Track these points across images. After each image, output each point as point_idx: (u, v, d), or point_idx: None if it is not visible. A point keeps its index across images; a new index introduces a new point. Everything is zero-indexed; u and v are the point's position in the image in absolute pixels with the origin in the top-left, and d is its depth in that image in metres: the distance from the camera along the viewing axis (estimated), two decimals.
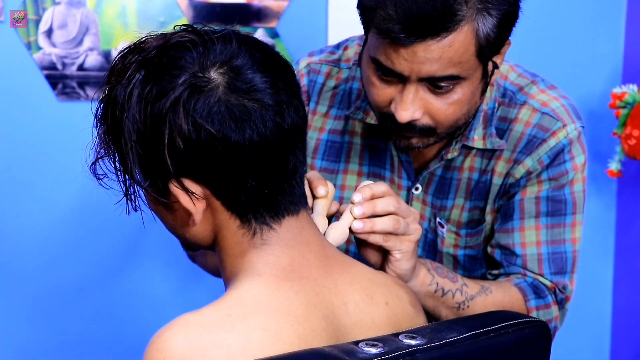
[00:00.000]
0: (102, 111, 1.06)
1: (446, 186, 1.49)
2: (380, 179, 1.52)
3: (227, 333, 0.97)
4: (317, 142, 1.56)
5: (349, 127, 1.55)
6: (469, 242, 1.50)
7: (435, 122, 1.34)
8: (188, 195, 1.03)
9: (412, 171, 1.50)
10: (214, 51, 1.02)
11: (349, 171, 1.54)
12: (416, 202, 1.51)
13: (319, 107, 1.57)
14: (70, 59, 2.08)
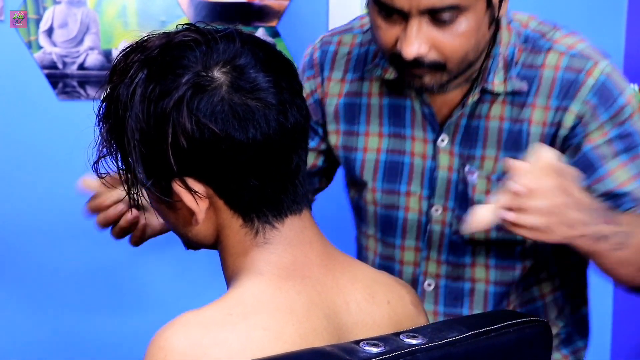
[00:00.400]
0: (105, 110, 1.06)
1: (473, 135, 1.46)
2: (401, 138, 1.50)
3: (228, 332, 0.97)
4: (335, 108, 1.56)
5: (365, 89, 1.54)
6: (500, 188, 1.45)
7: (444, 57, 1.33)
8: (191, 194, 1.03)
9: (436, 123, 1.48)
10: (217, 50, 1.02)
11: (370, 133, 1.53)
12: (443, 155, 1.48)
13: (333, 74, 1.57)
14: (70, 58, 2.08)
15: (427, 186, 1.49)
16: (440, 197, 1.48)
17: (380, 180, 1.52)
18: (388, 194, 1.52)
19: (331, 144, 1.57)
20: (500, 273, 1.48)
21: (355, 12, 2.14)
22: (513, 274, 1.49)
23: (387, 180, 1.52)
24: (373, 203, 1.54)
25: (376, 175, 1.53)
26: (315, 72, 1.59)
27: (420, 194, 1.50)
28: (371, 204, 1.55)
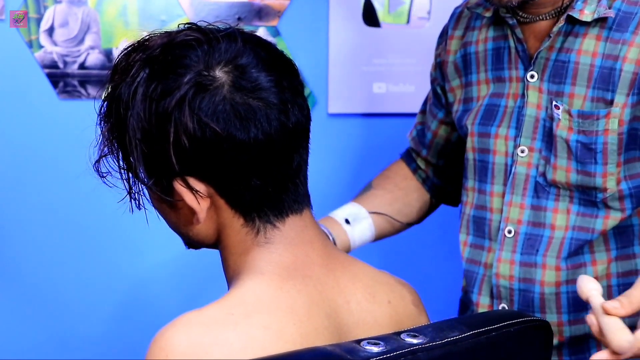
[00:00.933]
0: (106, 109, 1.06)
1: (562, 70, 1.42)
2: (502, 81, 1.50)
3: (229, 331, 0.97)
4: (454, 63, 1.59)
5: (474, 38, 1.55)
6: (582, 126, 1.39)
7: None
8: (192, 194, 1.03)
9: (526, 59, 1.46)
10: (219, 50, 1.02)
11: (480, 81, 1.54)
12: (532, 91, 1.45)
13: (455, 32, 1.60)
14: (71, 58, 2.07)
15: (514, 126, 1.47)
16: (526, 137, 1.45)
17: (477, 124, 1.52)
18: (481, 137, 1.51)
19: (453, 105, 1.59)
20: (581, 219, 1.44)
21: (356, 11, 2.14)
22: (594, 222, 1.43)
23: (482, 123, 1.51)
24: (472, 149, 1.53)
25: (475, 120, 1.52)
26: (441, 40, 1.64)
27: (507, 134, 1.48)
28: (470, 151, 1.53)
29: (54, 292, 2.16)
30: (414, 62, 2.18)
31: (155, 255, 2.18)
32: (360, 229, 1.61)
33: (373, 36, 2.16)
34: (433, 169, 1.73)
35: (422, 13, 2.17)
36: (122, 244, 2.16)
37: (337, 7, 2.14)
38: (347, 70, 2.16)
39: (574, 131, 1.40)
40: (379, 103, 2.19)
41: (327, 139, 2.18)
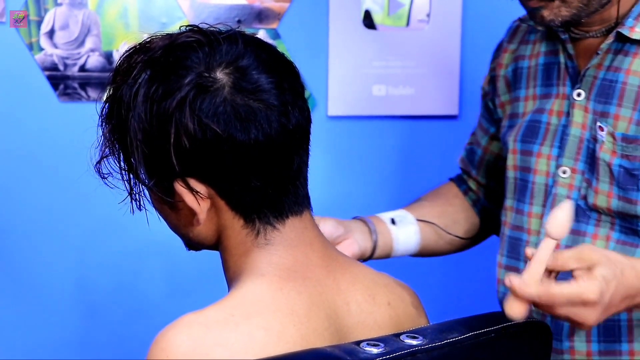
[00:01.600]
0: (108, 110, 1.06)
1: (609, 89, 1.36)
2: (548, 98, 1.45)
3: (230, 332, 0.98)
4: (505, 77, 1.56)
5: (528, 52, 1.52)
6: (625, 150, 1.34)
7: None
8: (193, 195, 1.04)
9: (575, 76, 1.41)
10: (220, 51, 1.03)
11: (528, 97, 1.50)
12: (578, 110, 1.40)
13: (510, 46, 1.57)
14: (71, 60, 2.08)
15: (557, 145, 1.43)
16: (569, 157, 1.40)
17: (520, 141, 1.48)
18: (524, 155, 1.47)
19: (502, 120, 1.55)
20: (621, 248, 1.36)
21: (356, 13, 2.15)
22: (633, 252, 1.35)
23: (524, 140, 1.47)
24: (513, 167, 1.49)
25: (517, 136, 1.49)
26: (496, 53, 1.60)
27: (550, 153, 1.43)
28: (511, 169, 1.49)
29: (54, 293, 2.16)
30: (413, 64, 2.18)
31: (156, 256, 2.18)
32: (405, 233, 1.54)
33: (373, 38, 2.16)
34: (484, 190, 1.67)
35: (422, 16, 2.18)
36: (123, 245, 2.16)
37: (337, 10, 2.14)
38: (347, 72, 2.17)
39: (617, 155, 1.35)
40: (378, 105, 2.20)
41: (326, 141, 2.18)
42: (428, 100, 2.20)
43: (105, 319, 2.20)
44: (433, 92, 2.20)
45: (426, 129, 2.24)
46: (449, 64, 2.19)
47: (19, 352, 2.15)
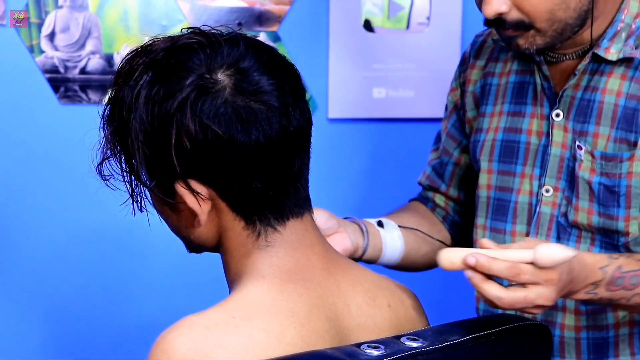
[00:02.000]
0: (109, 112, 1.06)
1: (587, 109, 1.39)
2: (520, 116, 1.47)
3: (230, 334, 0.98)
4: (474, 93, 1.56)
5: (498, 70, 1.53)
6: (605, 168, 1.37)
7: (526, 15, 1.32)
8: (194, 196, 1.04)
9: (552, 96, 1.44)
10: (221, 53, 1.03)
11: (494, 113, 1.51)
12: (557, 130, 1.42)
13: (477, 62, 1.58)
14: (72, 63, 2.08)
15: (538, 165, 1.45)
16: (551, 176, 1.43)
17: (497, 161, 1.49)
18: (503, 174, 1.48)
19: (470, 136, 1.55)
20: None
21: (356, 16, 2.15)
22: None
23: (503, 160, 1.49)
24: (487, 187, 1.50)
25: (492, 156, 1.50)
26: (461, 68, 1.61)
27: (532, 173, 1.45)
28: (484, 188, 1.50)
29: (56, 294, 2.16)
30: (413, 67, 2.18)
31: (157, 258, 2.18)
32: (391, 236, 1.52)
33: (373, 41, 2.16)
34: (454, 204, 1.65)
35: (422, 19, 2.18)
36: (124, 247, 2.16)
37: (337, 12, 2.15)
38: (347, 75, 2.17)
39: (597, 173, 1.38)
40: (378, 108, 2.20)
41: (327, 143, 2.18)
42: (428, 103, 2.21)
43: (105, 320, 2.20)
44: (433, 95, 2.20)
45: (426, 132, 2.24)
46: (449, 66, 2.19)
47: (18, 352, 2.15)
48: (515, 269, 1.09)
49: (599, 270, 1.19)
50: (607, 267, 1.19)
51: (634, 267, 1.21)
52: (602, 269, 1.19)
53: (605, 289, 1.19)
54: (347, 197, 2.22)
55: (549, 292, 1.11)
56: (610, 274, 1.19)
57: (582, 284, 1.18)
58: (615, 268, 1.19)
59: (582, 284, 1.18)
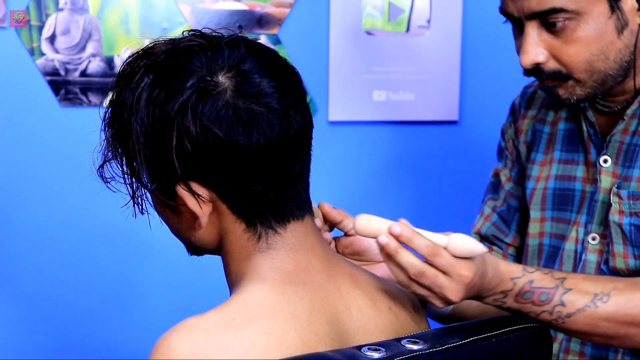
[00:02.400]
0: (110, 115, 1.07)
1: (635, 153, 1.37)
2: (572, 164, 1.46)
3: (231, 337, 0.98)
4: (526, 141, 1.54)
5: (550, 118, 1.51)
6: (633, 207, 1.36)
7: (563, 65, 1.31)
8: (195, 198, 1.04)
9: (599, 143, 1.41)
10: (222, 56, 1.03)
11: (545, 162, 1.50)
12: (605, 176, 1.40)
13: (529, 112, 1.55)
14: (73, 65, 2.08)
15: (585, 212, 1.43)
16: (598, 223, 1.41)
17: (550, 209, 1.47)
18: (557, 222, 1.47)
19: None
20: None
21: (356, 19, 2.15)
22: None
23: (558, 209, 1.46)
24: (539, 235, 1.48)
25: (544, 204, 1.48)
26: (514, 117, 1.58)
27: (580, 220, 1.43)
28: (536, 236, 1.48)
29: (56, 297, 2.16)
30: (414, 70, 2.19)
31: (157, 260, 2.18)
32: None
33: (373, 44, 2.17)
34: (512, 259, 1.59)
35: (422, 22, 2.18)
36: (125, 249, 2.17)
37: (338, 15, 2.15)
38: (348, 77, 2.17)
39: (626, 214, 1.37)
40: (379, 111, 2.20)
41: (327, 146, 2.19)
42: (428, 106, 2.21)
43: (105, 323, 2.20)
44: (433, 98, 2.20)
45: (426, 135, 2.25)
46: (449, 69, 2.20)
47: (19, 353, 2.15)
48: (435, 249, 1.08)
49: (509, 280, 1.16)
50: (518, 278, 1.17)
51: (547, 284, 1.18)
52: (513, 279, 1.16)
53: (513, 299, 1.17)
54: (348, 200, 2.22)
55: (457, 288, 1.10)
56: (520, 286, 1.16)
57: (492, 290, 1.16)
58: (527, 281, 1.17)
59: (492, 290, 1.16)
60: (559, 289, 1.18)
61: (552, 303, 1.18)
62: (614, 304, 1.18)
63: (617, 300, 1.19)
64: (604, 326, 1.19)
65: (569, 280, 1.19)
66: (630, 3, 1.30)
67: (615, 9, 1.29)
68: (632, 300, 1.19)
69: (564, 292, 1.18)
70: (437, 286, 1.09)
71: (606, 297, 1.18)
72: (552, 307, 1.18)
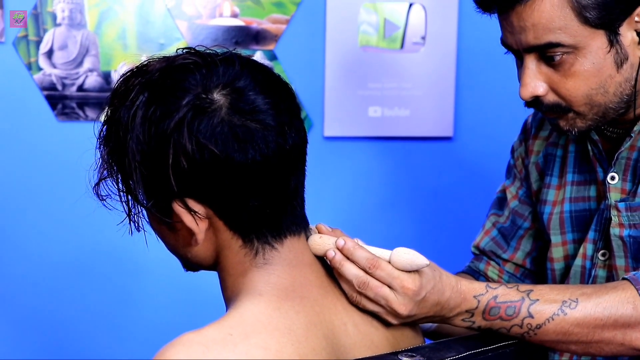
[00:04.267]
0: (105, 133, 1.07)
1: (639, 170, 1.37)
2: (585, 184, 1.46)
3: (228, 352, 0.98)
4: (537, 163, 1.54)
5: (561, 141, 1.51)
6: (631, 219, 1.37)
7: (562, 99, 1.31)
8: (191, 215, 1.04)
9: (604, 161, 1.42)
10: (217, 73, 1.04)
11: (560, 185, 1.49)
12: (614, 193, 1.39)
13: (541, 133, 1.55)
14: (70, 80, 2.09)
15: (594, 229, 1.43)
16: (607, 239, 1.41)
17: (569, 232, 1.47)
18: (575, 243, 1.46)
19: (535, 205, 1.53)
20: None
21: (352, 36, 2.16)
22: None
23: (577, 230, 1.46)
24: (563, 258, 1.48)
25: (564, 228, 1.48)
26: (525, 136, 1.58)
27: (588, 236, 1.44)
28: (560, 260, 1.48)
29: (52, 311, 2.16)
30: (409, 86, 2.20)
31: (153, 277, 2.18)
32: None
33: (369, 60, 2.18)
34: (508, 277, 1.59)
35: (417, 38, 2.19)
36: (122, 265, 2.17)
37: (333, 32, 2.16)
38: (343, 93, 2.18)
39: (625, 226, 1.37)
40: (374, 126, 2.21)
41: (322, 161, 2.19)
42: (423, 122, 2.22)
43: (102, 338, 2.19)
44: (428, 114, 2.21)
45: (421, 150, 2.26)
46: (444, 86, 2.21)
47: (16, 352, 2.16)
48: (375, 261, 1.11)
49: (473, 298, 1.17)
50: (482, 295, 1.17)
51: (512, 297, 1.18)
52: (476, 297, 1.17)
53: (481, 317, 1.17)
54: (343, 215, 2.22)
55: (403, 301, 1.11)
56: (485, 303, 1.17)
57: (455, 310, 1.17)
58: (491, 297, 1.17)
59: (455, 310, 1.17)
60: (525, 300, 1.18)
61: (520, 316, 1.18)
62: (582, 309, 1.19)
63: (585, 305, 1.19)
64: (576, 332, 1.19)
65: (536, 292, 1.20)
66: (630, 37, 1.29)
67: (615, 43, 1.28)
68: (600, 303, 1.19)
69: (531, 303, 1.18)
70: (383, 298, 1.11)
71: (574, 303, 1.19)
72: (521, 320, 1.18)
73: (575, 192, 1.48)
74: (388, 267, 1.11)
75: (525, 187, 1.58)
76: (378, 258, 1.12)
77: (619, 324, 1.19)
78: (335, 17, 2.15)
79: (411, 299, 1.12)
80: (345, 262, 1.11)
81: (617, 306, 1.19)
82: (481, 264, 1.60)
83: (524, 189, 1.58)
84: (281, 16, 2.14)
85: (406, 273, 1.12)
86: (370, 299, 1.12)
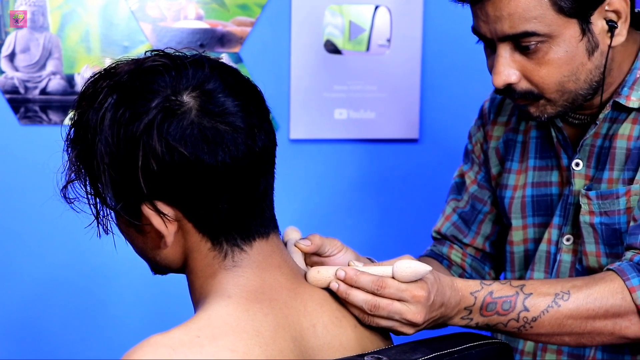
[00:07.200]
0: (73, 135, 1.06)
1: (606, 156, 1.40)
2: (547, 170, 1.48)
3: (195, 354, 0.98)
4: (497, 149, 1.56)
5: (522, 127, 1.53)
6: (602, 207, 1.39)
7: (535, 86, 1.34)
8: (160, 217, 1.04)
9: (568, 147, 1.45)
10: (187, 75, 1.03)
11: (521, 170, 1.52)
12: (578, 179, 1.43)
13: (499, 118, 1.57)
14: (32, 83, 2.07)
15: (559, 214, 1.46)
16: (572, 225, 1.44)
17: (530, 216, 1.50)
18: (538, 227, 1.49)
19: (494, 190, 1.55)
20: None
21: (317, 38, 2.17)
22: None
23: (538, 214, 1.49)
24: (523, 242, 1.51)
25: (524, 212, 1.50)
26: (482, 121, 1.60)
27: (553, 222, 1.47)
28: (520, 244, 1.51)
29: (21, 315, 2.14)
30: (374, 89, 2.20)
31: (121, 279, 2.17)
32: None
33: (334, 63, 2.18)
34: (471, 260, 1.61)
35: (382, 41, 2.20)
36: (90, 268, 2.15)
37: (299, 34, 2.16)
38: (309, 96, 2.18)
39: (596, 214, 1.40)
40: (340, 129, 2.22)
41: (288, 164, 2.19)
42: (389, 124, 2.23)
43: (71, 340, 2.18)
44: (394, 116, 2.22)
45: (387, 153, 2.27)
46: (409, 88, 2.22)
47: None
48: (381, 282, 1.12)
49: (470, 295, 1.20)
50: (478, 292, 1.20)
51: (507, 292, 1.21)
52: (473, 293, 1.20)
53: (479, 314, 1.20)
54: (308, 218, 2.22)
55: (417, 309, 1.13)
56: (482, 299, 1.20)
57: (455, 308, 1.19)
58: (487, 293, 1.20)
59: (455, 308, 1.19)
60: (520, 295, 1.22)
61: (516, 310, 1.21)
62: (575, 301, 1.23)
63: (577, 296, 1.23)
64: (569, 324, 1.23)
65: (528, 286, 1.23)
66: (600, 25, 1.32)
67: (587, 31, 1.31)
68: (591, 294, 1.23)
69: (525, 297, 1.22)
70: (396, 313, 1.13)
71: (566, 295, 1.23)
72: (517, 314, 1.21)
73: (537, 177, 1.50)
74: (394, 283, 1.13)
75: (484, 172, 1.61)
76: (382, 277, 1.13)
77: (610, 314, 1.24)
78: (300, 20, 2.15)
79: (424, 306, 1.14)
80: (351, 291, 1.12)
81: (608, 297, 1.24)
82: (444, 247, 1.63)
83: (483, 173, 1.61)
84: (246, 18, 2.14)
85: (412, 283, 1.13)
86: (383, 317, 1.13)
